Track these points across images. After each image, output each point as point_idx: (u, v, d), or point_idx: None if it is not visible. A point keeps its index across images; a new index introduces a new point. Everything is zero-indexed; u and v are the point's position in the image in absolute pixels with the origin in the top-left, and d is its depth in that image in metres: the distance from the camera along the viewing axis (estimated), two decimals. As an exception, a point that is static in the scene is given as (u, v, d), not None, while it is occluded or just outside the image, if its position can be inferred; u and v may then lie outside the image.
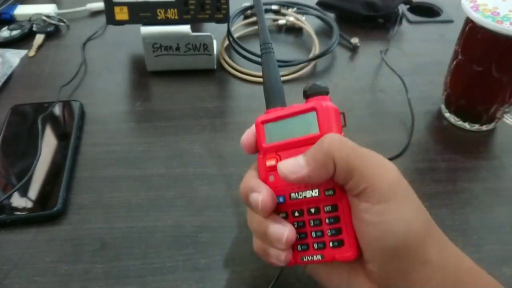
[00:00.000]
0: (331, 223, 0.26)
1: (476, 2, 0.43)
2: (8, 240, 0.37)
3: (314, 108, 0.26)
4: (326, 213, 0.27)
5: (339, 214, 0.26)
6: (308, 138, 0.26)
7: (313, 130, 0.26)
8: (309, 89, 0.28)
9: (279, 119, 0.28)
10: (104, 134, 0.47)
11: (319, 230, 0.27)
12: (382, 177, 0.24)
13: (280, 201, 0.28)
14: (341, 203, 0.26)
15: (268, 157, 0.28)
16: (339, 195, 0.26)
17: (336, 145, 0.24)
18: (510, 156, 0.46)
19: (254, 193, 0.27)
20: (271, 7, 0.67)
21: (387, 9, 0.66)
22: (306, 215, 0.27)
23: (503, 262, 0.36)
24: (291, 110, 0.27)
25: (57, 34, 0.65)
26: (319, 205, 0.27)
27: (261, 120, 0.29)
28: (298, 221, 0.28)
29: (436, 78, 0.54)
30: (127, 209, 0.39)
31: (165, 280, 0.34)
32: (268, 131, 0.28)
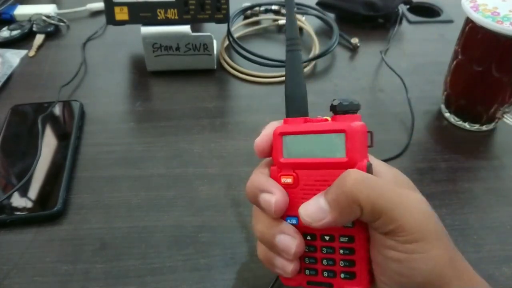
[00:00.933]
0: (345, 254, 0.25)
1: (476, 2, 0.43)
2: (8, 240, 0.37)
3: (343, 131, 0.24)
4: (341, 243, 0.25)
5: (354, 246, 0.25)
6: (332, 162, 0.24)
7: (339, 154, 0.24)
8: (338, 106, 0.25)
9: (301, 133, 0.25)
10: (104, 134, 0.47)
11: (331, 258, 0.25)
12: (411, 217, 0.22)
13: (292, 223, 0.26)
14: (358, 236, 0.24)
15: (284, 173, 0.26)
16: (358, 227, 0.24)
17: (360, 186, 0.22)
18: (510, 156, 0.46)
19: (265, 193, 0.25)
20: (271, 7, 0.67)
21: (387, 9, 0.66)
22: (319, 240, 0.26)
23: (503, 262, 0.36)
24: (317, 126, 0.25)
25: (57, 34, 0.65)
26: (334, 234, 0.25)
27: (280, 131, 0.26)
28: (309, 245, 0.26)
29: (436, 78, 0.54)
30: (127, 209, 0.39)
31: (165, 280, 0.34)
32: (287, 145, 0.26)
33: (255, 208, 0.27)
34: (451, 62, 0.48)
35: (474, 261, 0.35)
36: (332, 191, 0.23)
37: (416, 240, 0.22)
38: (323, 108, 0.50)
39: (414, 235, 0.22)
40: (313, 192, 0.25)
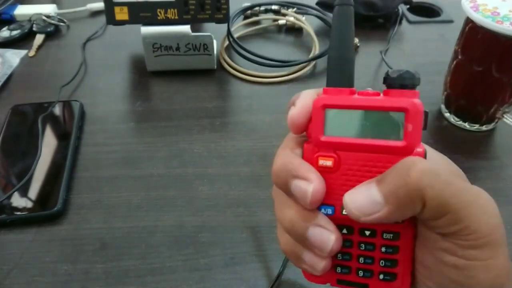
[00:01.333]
0: (387, 252, 0.21)
1: (476, 2, 0.43)
2: (8, 240, 0.37)
3: (405, 109, 0.20)
4: (383, 240, 0.21)
5: (400, 244, 0.21)
6: (385, 145, 0.20)
7: (395, 136, 0.20)
8: (397, 78, 0.20)
9: (350, 107, 0.21)
10: (104, 134, 0.47)
11: (370, 256, 0.22)
12: (482, 220, 0.19)
13: (327, 213, 0.22)
14: (405, 232, 0.21)
15: (323, 154, 0.22)
16: (407, 223, 0.21)
17: (428, 180, 0.18)
18: (510, 156, 0.46)
19: (300, 180, 0.21)
20: (271, 7, 0.67)
21: (387, 9, 0.66)
22: (357, 235, 0.22)
23: (503, 262, 0.36)
24: (370, 101, 0.20)
25: (57, 34, 0.65)
26: (377, 229, 0.22)
27: (323, 103, 0.21)
28: (344, 239, 0.22)
29: (436, 78, 0.54)
30: (127, 209, 0.39)
31: (165, 280, 0.34)
32: (330, 120, 0.21)
33: (280, 192, 0.23)
34: (451, 62, 0.48)
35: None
36: (390, 181, 0.19)
37: (483, 246, 0.19)
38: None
39: (482, 240, 0.19)
40: (356, 179, 0.21)
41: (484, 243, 0.19)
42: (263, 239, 0.37)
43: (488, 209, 0.20)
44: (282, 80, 0.55)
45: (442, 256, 0.20)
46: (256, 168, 0.43)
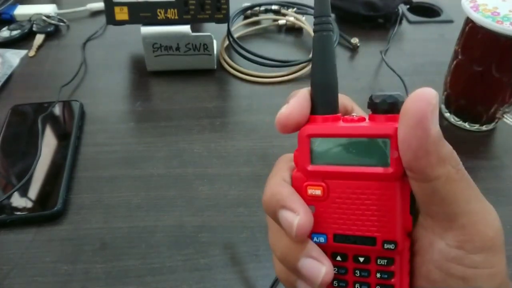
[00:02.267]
0: (383, 278, 0.21)
1: (476, 2, 0.43)
2: (8, 240, 0.37)
3: (388, 135, 0.20)
4: (378, 266, 0.21)
5: (394, 269, 0.21)
6: (373, 172, 0.20)
7: (382, 164, 0.20)
8: (380, 103, 0.20)
9: (335, 136, 0.21)
10: (104, 134, 0.47)
11: (365, 282, 0.22)
12: (488, 220, 0.20)
13: (320, 241, 0.22)
14: (399, 257, 0.21)
15: (311, 183, 0.22)
16: (401, 248, 0.21)
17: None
18: (510, 156, 0.46)
19: (287, 211, 0.21)
20: (271, 7, 0.67)
21: (387, 9, 0.66)
22: (351, 262, 0.22)
23: (503, 262, 0.36)
24: (355, 129, 0.20)
25: (57, 34, 0.65)
26: (371, 255, 0.21)
27: (308, 132, 0.21)
28: (339, 267, 0.22)
29: (436, 78, 0.54)
30: (127, 209, 0.39)
31: (165, 280, 0.34)
32: (316, 149, 0.21)
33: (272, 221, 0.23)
34: (451, 62, 0.48)
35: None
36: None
37: (488, 250, 0.19)
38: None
39: (487, 243, 0.19)
40: (346, 207, 0.21)
41: (489, 246, 0.19)
42: (263, 239, 0.37)
43: (492, 212, 0.20)
44: (282, 80, 0.55)
45: (449, 268, 0.20)
46: (256, 168, 0.43)
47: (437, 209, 0.20)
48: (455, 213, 0.19)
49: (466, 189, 0.20)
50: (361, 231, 0.21)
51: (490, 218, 0.20)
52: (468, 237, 0.19)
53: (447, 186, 0.19)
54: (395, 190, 0.20)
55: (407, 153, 0.19)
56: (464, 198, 0.19)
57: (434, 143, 0.18)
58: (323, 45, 0.21)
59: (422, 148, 0.18)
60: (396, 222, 0.21)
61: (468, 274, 0.19)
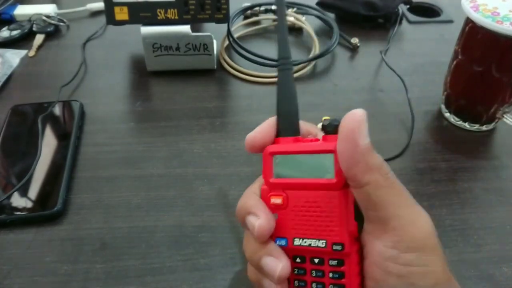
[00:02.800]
0: (334, 278, 0.24)
1: (476, 2, 0.43)
2: (8, 240, 0.37)
3: (332, 151, 0.23)
4: (330, 266, 0.24)
5: (344, 269, 0.24)
6: (320, 183, 0.24)
7: (328, 175, 0.24)
8: (328, 125, 0.24)
9: (291, 153, 0.25)
10: (104, 134, 0.47)
11: (321, 282, 0.25)
12: (415, 223, 0.22)
13: (282, 244, 0.25)
14: (348, 259, 0.24)
15: (274, 193, 0.25)
16: (348, 250, 0.24)
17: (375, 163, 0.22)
18: (510, 156, 0.46)
19: (251, 215, 0.25)
20: (271, 7, 0.67)
21: (387, 9, 0.66)
22: (309, 263, 0.25)
23: (503, 262, 0.36)
24: (306, 147, 0.25)
25: (57, 34, 0.65)
26: (324, 257, 0.25)
27: (270, 150, 0.26)
28: (299, 268, 0.26)
29: (436, 78, 0.54)
30: (127, 209, 0.39)
31: (165, 280, 0.34)
32: (277, 164, 0.26)
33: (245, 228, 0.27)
34: (451, 62, 0.48)
35: (474, 261, 0.36)
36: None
37: (419, 250, 0.22)
38: (323, 109, 0.50)
39: (417, 243, 0.22)
40: (302, 214, 0.25)
41: (419, 246, 0.22)
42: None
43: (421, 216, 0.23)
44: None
45: (387, 266, 0.22)
46: (256, 168, 0.43)
47: (373, 213, 0.23)
48: (386, 217, 0.22)
49: (395, 195, 0.23)
50: (314, 234, 0.24)
51: (420, 221, 0.23)
52: (399, 238, 0.22)
53: (376, 192, 0.22)
54: (339, 198, 0.24)
55: (342, 163, 0.23)
56: (392, 203, 0.22)
57: (362, 153, 0.22)
58: (285, 81, 0.27)
59: (352, 157, 0.22)
60: (341, 226, 0.24)
61: (403, 271, 0.22)
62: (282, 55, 0.27)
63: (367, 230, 0.24)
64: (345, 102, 0.52)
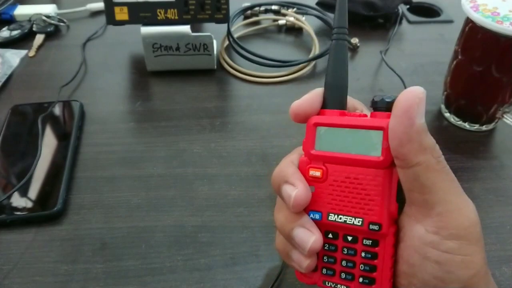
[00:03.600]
0: (367, 258, 0.24)
1: (476, 2, 0.43)
2: (8, 240, 0.37)
3: (382, 128, 0.23)
4: (364, 246, 0.24)
5: (378, 251, 0.24)
6: (365, 159, 0.23)
7: (374, 152, 0.23)
8: (380, 102, 0.23)
9: (337, 126, 0.24)
10: (104, 134, 0.47)
11: (352, 260, 0.24)
12: (462, 210, 0.22)
13: (315, 218, 0.25)
14: (383, 240, 0.23)
15: (313, 166, 0.25)
16: (385, 231, 0.23)
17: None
18: (510, 156, 0.46)
19: (288, 185, 0.24)
20: (271, 7, 0.67)
21: (387, 9, 0.66)
22: (341, 240, 0.25)
23: (503, 262, 0.36)
24: (354, 121, 0.24)
25: (57, 34, 0.65)
26: (358, 235, 0.24)
27: (314, 121, 0.25)
28: (330, 243, 0.25)
29: (436, 78, 0.54)
30: (127, 209, 0.39)
31: (165, 280, 0.34)
32: (320, 136, 0.25)
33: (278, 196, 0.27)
34: (451, 62, 0.48)
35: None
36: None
37: (462, 238, 0.21)
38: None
39: (461, 232, 0.21)
40: (341, 189, 0.24)
41: (464, 235, 0.21)
42: (263, 239, 0.37)
43: (469, 205, 0.22)
44: (282, 80, 0.55)
45: (426, 252, 0.22)
46: (256, 168, 0.43)
47: (418, 196, 0.22)
48: (433, 201, 0.22)
49: (445, 180, 0.22)
50: (351, 212, 0.24)
51: (467, 210, 0.22)
52: (443, 224, 0.21)
53: (427, 174, 0.21)
54: (383, 177, 0.23)
55: (393, 140, 0.22)
56: (442, 188, 0.22)
57: (417, 132, 0.21)
58: (338, 51, 0.25)
59: (406, 135, 0.21)
60: (382, 206, 0.23)
61: (442, 258, 0.21)
62: (338, 24, 0.25)
63: (408, 212, 0.23)
64: (345, 102, 0.52)
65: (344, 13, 0.25)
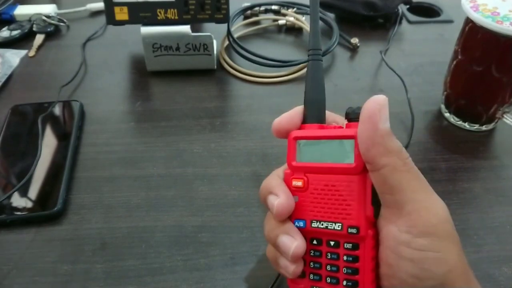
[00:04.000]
0: (349, 261, 0.25)
1: (476, 2, 0.43)
2: (8, 240, 0.37)
3: (353, 137, 0.24)
4: (345, 250, 0.25)
5: (359, 254, 0.25)
6: (340, 167, 0.25)
7: (348, 160, 0.24)
8: (351, 113, 0.25)
9: (314, 138, 0.26)
10: (104, 134, 0.47)
11: (335, 264, 0.25)
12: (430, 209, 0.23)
13: (300, 226, 0.26)
14: (363, 243, 0.24)
15: (295, 177, 0.26)
16: (363, 234, 0.24)
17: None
18: (510, 156, 0.46)
19: (272, 195, 0.26)
20: (271, 7, 0.67)
21: (387, 9, 0.66)
22: (325, 246, 0.26)
23: (503, 262, 0.36)
24: (328, 132, 0.26)
25: (57, 34, 0.65)
26: (340, 240, 0.25)
27: (294, 135, 0.27)
28: (315, 250, 0.26)
29: (436, 78, 0.54)
30: (127, 209, 0.39)
31: (165, 280, 0.34)
32: (300, 149, 0.27)
33: None
34: (451, 62, 0.48)
35: (474, 261, 0.36)
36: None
37: (431, 235, 0.22)
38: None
39: (430, 229, 0.22)
40: (321, 197, 0.26)
41: (433, 232, 0.22)
42: (263, 239, 0.37)
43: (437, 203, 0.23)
44: (282, 80, 0.55)
45: (400, 251, 0.23)
46: (256, 168, 0.43)
47: (389, 197, 0.23)
48: (402, 201, 0.23)
49: (412, 180, 0.23)
50: (331, 217, 0.25)
51: (435, 207, 0.23)
52: (413, 222, 0.22)
53: (394, 175, 0.23)
54: (357, 182, 0.24)
55: (361, 145, 0.23)
56: (409, 188, 0.23)
57: (381, 136, 0.23)
58: (315, 71, 0.28)
59: (371, 139, 0.23)
60: (358, 210, 0.24)
61: (415, 256, 0.22)
62: (313, 46, 0.28)
63: (383, 215, 0.24)
64: (345, 102, 0.51)
65: (318, 35, 0.28)
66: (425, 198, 0.23)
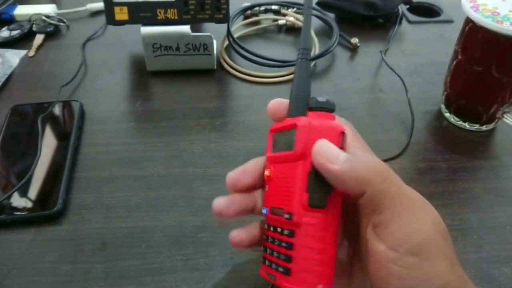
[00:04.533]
0: (284, 247, 0.25)
1: (476, 2, 0.43)
2: (8, 240, 0.37)
3: (294, 125, 0.25)
4: (283, 236, 0.25)
5: (293, 241, 0.24)
6: (286, 155, 0.25)
7: (291, 148, 0.25)
8: (310, 102, 0.26)
9: (279, 130, 0.27)
10: (104, 134, 0.47)
11: (277, 251, 0.26)
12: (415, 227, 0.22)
13: (264, 213, 0.28)
14: (298, 230, 0.24)
15: (267, 167, 0.28)
16: (296, 220, 0.24)
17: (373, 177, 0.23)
18: (510, 156, 0.46)
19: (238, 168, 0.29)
20: (271, 7, 0.67)
21: (387, 9, 0.66)
22: (273, 232, 0.27)
23: (503, 262, 0.36)
24: (284, 123, 0.27)
25: (57, 34, 0.65)
26: (282, 226, 0.26)
27: (271, 128, 0.28)
28: (267, 236, 0.27)
29: (436, 78, 0.54)
30: (127, 209, 0.39)
31: (165, 280, 0.34)
32: (273, 141, 0.28)
33: None
34: (451, 62, 0.48)
35: (474, 261, 0.36)
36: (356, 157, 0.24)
37: (417, 253, 0.22)
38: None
39: (413, 248, 0.22)
40: (279, 185, 0.26)
41: (419, 251, 0.22)
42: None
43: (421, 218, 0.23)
44: (282, 80, 0.55)
45: (389, 267, 0.22)
46: (256, 168, 0.43)
47: (374, 217, 0.23)
48: (385, 220, 0.23)
49: (394, 199, 0.23)
50: (280, 204, 0.26)
51: (419, 224, 0.23)
52: (398, 242, 0.22)
53: (374, 198, 0.23)
54: (295, 169, 0.25)
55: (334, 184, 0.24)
56: (390, 208, 0.23)
57: (343, 174, 0.23)
58: (302, 69, 0.28)
59: (336, 181, 0.23)
60: (293, 196, 0.25)
61: (403, 274, 0.22)
62: (303, 45, 0.28)
63: (373, 230, 0.24)
64: (345, 102, 0.52)
65: (309, 36, 0.28)
66: (409, 216, 0.23)
